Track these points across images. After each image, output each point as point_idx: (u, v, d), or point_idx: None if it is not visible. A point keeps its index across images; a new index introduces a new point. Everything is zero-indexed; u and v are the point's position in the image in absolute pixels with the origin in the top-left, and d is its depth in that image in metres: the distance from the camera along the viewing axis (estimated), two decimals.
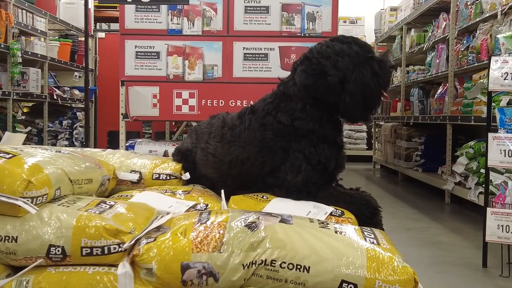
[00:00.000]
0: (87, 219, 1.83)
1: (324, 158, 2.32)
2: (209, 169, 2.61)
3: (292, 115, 2.35)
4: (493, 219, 3.57)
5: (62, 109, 9.10)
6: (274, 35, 5.02)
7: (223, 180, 2.53)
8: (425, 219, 5.54)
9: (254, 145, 2.39)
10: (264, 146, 2.37)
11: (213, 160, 2.55)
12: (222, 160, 2.50)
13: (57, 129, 8.69)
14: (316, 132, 2.33)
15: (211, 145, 2.58)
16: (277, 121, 2.37)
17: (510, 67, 3.61)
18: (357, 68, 2.31)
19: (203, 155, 2.63)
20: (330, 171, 2.37)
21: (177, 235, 1.81)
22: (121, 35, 5.05)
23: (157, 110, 5.01)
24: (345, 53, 2.32)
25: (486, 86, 3.80)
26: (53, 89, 8.60)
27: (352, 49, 2.33)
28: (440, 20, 7.36)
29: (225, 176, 2.51)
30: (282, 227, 1.84)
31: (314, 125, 2.33)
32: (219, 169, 2.54)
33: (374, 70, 2.32)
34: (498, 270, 3.64)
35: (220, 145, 2.53)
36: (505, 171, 4.63)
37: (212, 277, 1.74)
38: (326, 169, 2.34)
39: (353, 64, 2.31)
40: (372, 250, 1.78)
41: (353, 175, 9.35)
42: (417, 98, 8.27)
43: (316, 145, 2.32)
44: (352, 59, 2.32)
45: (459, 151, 5.91)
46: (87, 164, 2.29)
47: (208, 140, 2.61)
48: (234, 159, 2.45)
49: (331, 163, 2.35)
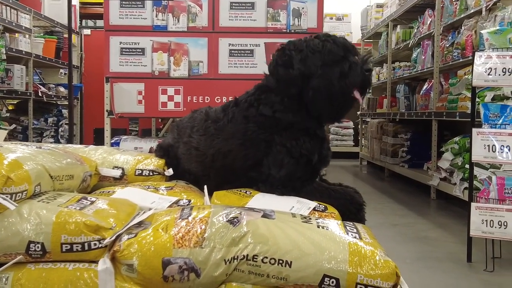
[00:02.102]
0: (67, 215, 1.81)
1: (306, 150, 2.32)
2: (192, 163, 2.60)
3: (272, 107, 2.36)
4: (477, 214, 3.58)
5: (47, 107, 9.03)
6: (260, 31, 5.00)
7: (206, 174, 2.52)
8: (411, 214, 5.56)
9: (237, 138, 2.39)
10: (247, 138, 2.37)
11: (196, 154, 2.55)
12: (205, 154, 2.49)
13: (42, 127, 8.63)
14: (296, 124, 2.33)
15: (194, 138, 2.57)
16: (259, 114, 2.37)
17: (494, 62, 3.62)
18: (325, 66, 2.30)
19: (186, 149, 2.63)
20: (314, 164, 2.36)
21: (159, 230, 1.80)
22: (106, 32, 5.00)
23: (142, 107, 4.97)
24: (317, 50, 2.31)
25: (471, 82, 3.81)
26: (38, 86, 8.53)
27: (326, 47, 2.31)
28: (425, 16, 7.39)
29: (208, 169, 2.50)
30: (264, 222, 1.84)
31: (294, 117, 2.33)
32: (202, 163, 2.53)
33: (343, 70, 2.29)
34: (482, 265, 3.66)
35: (203, 139, 2.52)
36: (490, 166, 4.65)
37: (193, 272, 1.73)
38: (309, 162, 2.33)
39: (322, 61, 2.30)
40: (354, 245, 1.78)
41: (340, 171, 9.37)
42: (403, 94, 8.30)
43: (297, 138, 2.32)
44: (322, 57, 2.30)
45: (444, 147, 5.93)
46: (68, 160, 2.27)
47: (191, 134, 2.60)
48: (217, 152, 2.44)
49: (314, 155, 2.34)
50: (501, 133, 3.54)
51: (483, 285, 3.37)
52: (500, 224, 3.50)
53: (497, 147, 3.53)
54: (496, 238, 3.58)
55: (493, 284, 3.36)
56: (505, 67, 3.56)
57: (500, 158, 3.54)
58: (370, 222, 2.41)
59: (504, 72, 3.57)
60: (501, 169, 4.49)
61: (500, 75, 3.58)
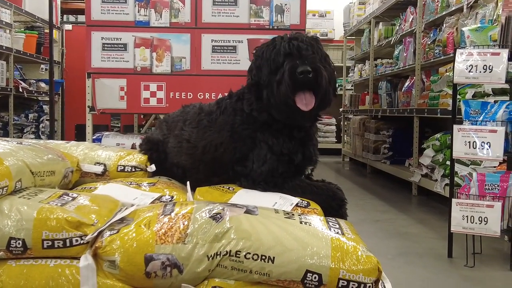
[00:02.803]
0: (49, 212, 1.80)
1: (287, 149, 2.32)
2: (182, 156, 2.60)
3: (250, 105, 2.38)
4: (458, 210, 3.61)
5: (28, 102, 8.95)
6: (243, 28, 4.99)
7: (196, 167, 2.52)
8: (393, 210, 5.60)
9: (227, 130, 2.41)
10: (235, 131, 2.38)
11: (187, 146, 2.55)
12: (197, 146, 2.50)
13: (23, 123, 8.55)
14: (274, 124, 2.33)
15: (186, 131, 2.58)
16: (240, 109, 2.39)
17: (475, 59, 3.65)
18: (271, 74, 2.28)
19: (177, 142, 2.63)
20: (297, 163, 2.37)
21: (141, 226, 1.79)
22: (87, 27, 4.97)
23: (124, 103, 4.95)
24: (265, 57, 2.30)
25: (452, 79, 3.84)
26: (19, 82, 8.45)
27: (271, 54, 2.28)
28: (407, 13, 7.43)
29: (198, 162, 2.51)
30: (247, 218, 1.84)
31: (269, 117, 2.34)
32: (192, 155, 2.53)
33: (278, 79, 2.24)
34: (463, 260, 3.69)
35: (195, 131, 2.54)
36: (470, 163, 4.70)
37: (176, 268, 1.73)
38: (291, 160, 2.34)
39: (269, 70, 2.28)
40: (336, 240, 1.79)
41: (322, 168, 9.39)
42: (385, 91, 8.34)
43: (278, 137, 2.33)
44: (269, 64, 2.28)
45: (425, 144, 5.98)
46: (49, 156, 2.25)
47: (183, 127, 2.61)
48: (208, 144, 2.45)
49: (296, 155, 2.34)
50: (482, 130, 3.58)
51: (464, 280, 3.40)
52: (480, 220, 3.53)
53: (478, 144, 3.56)
54: (476, 233, 3.61)
55: (474, 279, 3.40)
56: (486, 64, 3.59)
57: (480, 154, 3.58)
58: (352, 218, 2.42)
59: (485, 69, 3.60)
60: (482, 165, 4.54)
61: (481, 72, 3.61)
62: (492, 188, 3.65)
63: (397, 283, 3.17)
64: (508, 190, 3.61)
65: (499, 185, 3.64)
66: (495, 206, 3.51)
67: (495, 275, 3.51)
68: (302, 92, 2.23)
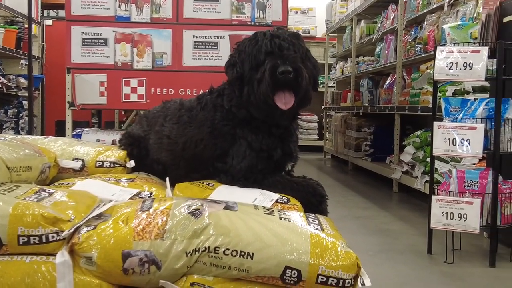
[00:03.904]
0: (25, 207, 1.77)
1: (266, 145, 2.31)
2: (162, 152, 2.58)
3: (230, 101, 2.37)
4: (438, 206, 3.63)
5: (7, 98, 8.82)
6: (224, 24, 4.97)
7: (176, 163, 2.51)
8: (374, 207, 5.62)
9: (207, 126, 2.39)
10: (215, 127, 2.37)
11: (168, 142, 2.53)
12: (177, 142, 2.49)
13: (2, 118, 8.44)
14: (253, 121, 2.32)
15: (166, 127, 2.56)
16: (220, 105, 2.38)
17: (455, 57, 3.66)
18: (252, 70, 2.27)
19: (157, 138, 2.61)
20: (277, 159, 2.36)
21: (119, 223, 1.77)
22: (67, 21, 4.91)
23: (104, 99, 4.90)
24: (248, 53, 2.29)
25: (433, 76, 3.85)
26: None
27: (253, 50, 2.27)
28: (389, 11, 7.46)
29: (178, 158, 2.49)
30: (226, 214, 1.83)
31: (248, 113, 2.32)
32: (172, 152, 2.51)
33: (259, 77, 2.23)
34: (442, 256, 3.71)
35: (175, 127, 2.52)
36: (450, 160, 4.73)
37: (154, 265, 1.72)
38: (270, 157, 2.33)
39: (250, 66, 2.27)
40: (316, 236, 1.79)
41: (304, 165, 9.41)
42: (366, 88, 8.37)
43: (257, 133, 2.32)
44: (251, 60, 2.27)
45: (406, 141, 6.01)
46: (26, 151, 2.22)
47: (164, 123, 2.59)
48: (188, 140, 2.44)
49: (275, 151, 2.33)
50: (462, 127, 3.59)
51: (443, 276, 3.42)
52: (460, 217, 3.55)
53: (458, 141, 3.58)
54: (456, 230, 3.64)
55: (453, 276, 3.42)
56: (466, 61, 3.61)
57: (460, 151, 3.60)
58: (333, 215, 2.42)
59: (465, 67, 3.61)
60: (461, 162, 4.58)
61: (461, 70, 3.63)
62: (472, 184, 3.68)
63: (377, 279, 3.18)
64: (487, 187, 3.63)
65: (479, 182, 3.66)
66: (474, 202, 3.54)
67: (474, 271, 3.53)
68: (282, 91, 2.23)
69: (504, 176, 3.74)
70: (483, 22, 4.24)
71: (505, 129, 3.63)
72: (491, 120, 3.63)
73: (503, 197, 3.64)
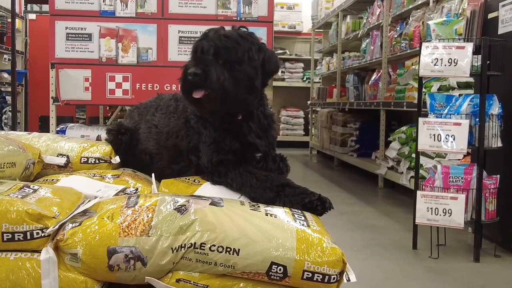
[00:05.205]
0: (9, 204, 1.75)
1: (215, 138, 2.29)
2: (150, 141, 2.61)
3: None
4: (423, 202, 3.65)
5: None
6: (210, 19, 4.95)
7: (160, 153, 2.54)
8: (359, 203, 5.64)
9: (182, 117, 2.44)
10: (187, 119, 2.40)
11: (155, 131, 2.58)
12: (162, 131, 2.53)
13: None
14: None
15: (156, 116, 2.61)
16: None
17: (441, 53, 3.68)
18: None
19: (147, 127, 2.65)
20: (241, 152, 2.30)
21: (104, 219, 1.76)
22: (51, 16, 4.87)
23: (89, 94, 4.87)
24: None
25: (418, 72, 3.87)
26: None
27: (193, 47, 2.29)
28: (374, 7, 7.47)
29: (162, 148, 2.52)
30: (212, 210, 1.82)
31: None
32: (158, 141, 2.55)
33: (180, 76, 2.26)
34: (427, 252, 3.73)
35: (163, 116, 2.56)
36: (435, 155, 4.75)
37: (140, 261, 1.71)
38: (222, 148, 2.29)
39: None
40: (301, 232, 1.79)
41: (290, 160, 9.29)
42: (352, 84, 8.39)
43: (208, 127, 2.31)
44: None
45: (391, 137, 6.03)
46: (10, 147, 2.20)
47: (154, 113, 2.64)
48: (171, 130, 2.48)
49: (231, 143, 2.30)
50: (446, 123, 3.61)
51: (428, 271, 3.44)
52: (444, 212, 3.58)
53: (442, 136, 3.60)
54: (440, 225, 3.66)
55: (438, 271, 3.44)
56: (451, 57, 3.63)
57: (445, 147, 3.62)
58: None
59: (450, 63, 3.63)
60: (446, 158, 4.60)
61: (446, 66, 3.65)
62: (456, 180, 3.70)
63: (362, 274, 3.19)
64: (472, 183, 3.66)
65: (463, 178, 3.69)
66: (459, 198, 3.56)
67: (459, 266, 3.56)
68: None
69: (489, 171, 3.77)
70: (468, 18, 4.26)
71: (490, 125, 3.66)
72: (476, 116, 3.66)
73: (487, 193, 3.67)
